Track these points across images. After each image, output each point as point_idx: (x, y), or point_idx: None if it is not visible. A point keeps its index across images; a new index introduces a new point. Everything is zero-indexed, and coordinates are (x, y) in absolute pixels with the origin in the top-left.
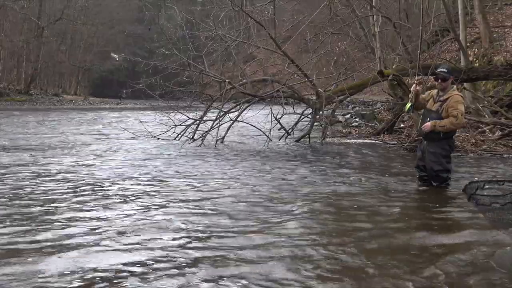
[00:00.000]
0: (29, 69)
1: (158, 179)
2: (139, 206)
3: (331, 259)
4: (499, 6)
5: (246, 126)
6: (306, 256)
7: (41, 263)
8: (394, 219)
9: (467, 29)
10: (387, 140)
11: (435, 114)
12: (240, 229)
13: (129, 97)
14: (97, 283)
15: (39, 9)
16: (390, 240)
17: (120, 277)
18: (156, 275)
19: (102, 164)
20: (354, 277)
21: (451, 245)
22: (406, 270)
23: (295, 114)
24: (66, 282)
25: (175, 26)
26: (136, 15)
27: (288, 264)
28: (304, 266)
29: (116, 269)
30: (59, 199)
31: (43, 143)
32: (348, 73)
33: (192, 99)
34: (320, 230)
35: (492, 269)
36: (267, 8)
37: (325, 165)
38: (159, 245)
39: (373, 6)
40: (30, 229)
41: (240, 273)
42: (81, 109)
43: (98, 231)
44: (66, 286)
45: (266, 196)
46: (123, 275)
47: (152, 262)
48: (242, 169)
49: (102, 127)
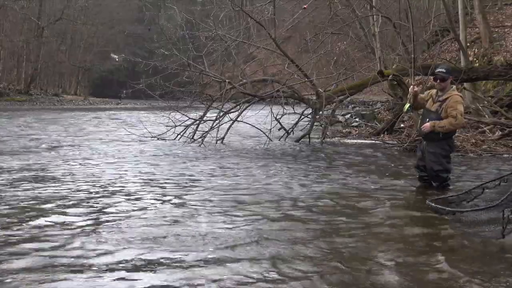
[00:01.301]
0: (29, 69)
1: (158, 180)
2: (137, 207)
3: (331, 259)
4: (499, 6)
5: (246, 126)
6: (306, 256)
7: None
8: (394, 219)
9: (467, 29)
10: (387, 140)
11: (434, 114)
12: (240, 229)
13: (129, 97)
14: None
15: (39, 9)
16: (390, 240)
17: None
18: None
19: (102, 165)
20: (351, 274)
21: (445, 239)
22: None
23: (295, 114)
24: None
25: (175, 26)
26: (136, 15)
27: (284, 261)
28: (303, 265)
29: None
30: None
31: (36, 145)
32: (348, 73)
33: (192, 99)
34: (319, 230)
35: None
36: (267, 8)
37: (325, 165)
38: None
39: (373, 6)
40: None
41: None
42: (81, 109)
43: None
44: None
45: (266, 196)
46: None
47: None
48: (242, 169)
49: (102, 127)
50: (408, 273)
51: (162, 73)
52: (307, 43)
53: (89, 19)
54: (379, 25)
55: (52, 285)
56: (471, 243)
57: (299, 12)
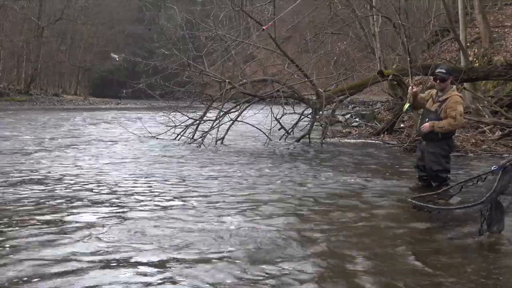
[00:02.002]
0: (29, 69)
1: (159, 180)
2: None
3: (331, 258)
4: (499, 6)
5: (246, 126)
6: (306, 255)
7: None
8: (393, 219)
9: (467, 29)
10: (387, 140)
11: (434, 114)
12: (241, 229)
13: (129, 97)
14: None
15: (39, 9)
16: (390, 240)
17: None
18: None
19: (102, 166)
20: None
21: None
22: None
23: (295, 114)
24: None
25: (175, 26)
26: (136, 15)
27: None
28: (303, 262)
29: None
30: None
31: (38, 144)
32: (348, 73)
33: (192, 99)
34: (319, 229)
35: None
36: (267, 8)
37: (324, 165)
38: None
39: (373, 6)
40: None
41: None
42: (81, 109)
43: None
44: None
45: (266, 196)
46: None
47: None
48: (242, 169)
49: (102, 127)
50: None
51: (162, 73)
52: (307, 43)
53: (89, 19)
54: (379, 25)
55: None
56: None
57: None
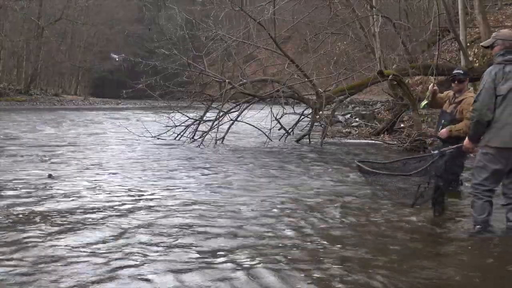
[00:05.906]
0: (29, 69)
1: (156, 181)
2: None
3: (331, 258)
4: (499, 6)
5: (246, 126)
6: (304, 254)
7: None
8: (393, 219)
9: (467, 29)
10: (387, 140)
11: (449, 115)
12: (241, 229)
13: (129, 97)
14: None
15: (39, 9)
16: (390, 241)
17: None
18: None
19: (102, 167)
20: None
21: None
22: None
23: (295, 114)
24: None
25: (175, 26)
26: (136, 15)
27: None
28: (301, 263)
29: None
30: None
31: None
32: (348, 73)
33: (192, 99)
34: (319, 229)
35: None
36: (267, 8)
37: (325, 165)
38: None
39: (373, 6)
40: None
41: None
42: (81, 109)
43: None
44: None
45: (265, 196)
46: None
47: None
48: (241, 169)
49: (101, 127)
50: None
51: (162, 73)
52: (307, 43)
53: (89, 19)
54: (379, 25)
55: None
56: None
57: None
